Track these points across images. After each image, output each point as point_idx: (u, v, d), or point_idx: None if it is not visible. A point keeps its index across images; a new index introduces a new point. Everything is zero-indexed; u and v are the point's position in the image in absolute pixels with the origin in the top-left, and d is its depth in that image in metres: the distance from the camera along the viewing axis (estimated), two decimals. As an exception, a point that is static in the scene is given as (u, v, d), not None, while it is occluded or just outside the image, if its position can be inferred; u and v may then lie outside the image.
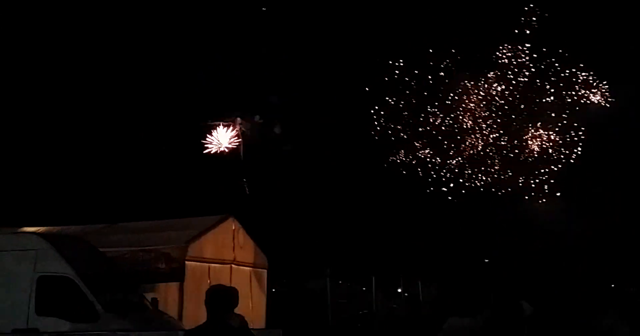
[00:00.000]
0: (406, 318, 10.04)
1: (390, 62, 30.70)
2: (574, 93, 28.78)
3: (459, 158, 31.73)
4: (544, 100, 29.44)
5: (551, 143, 28.88)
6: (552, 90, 29.12)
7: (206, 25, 32.64)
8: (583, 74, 28.47)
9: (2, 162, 29.92)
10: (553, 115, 29.01)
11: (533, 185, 28.97)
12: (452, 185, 30.66)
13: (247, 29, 32.60)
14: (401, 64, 30.70)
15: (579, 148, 28.17)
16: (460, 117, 30.74)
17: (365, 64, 32.31)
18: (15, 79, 30.95)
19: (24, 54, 30.82)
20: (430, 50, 30.22)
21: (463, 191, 30.33)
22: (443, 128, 31.07)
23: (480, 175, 30.56)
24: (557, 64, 28.66)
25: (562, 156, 28.58)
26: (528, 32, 28.84)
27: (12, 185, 30.09)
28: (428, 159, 31.75)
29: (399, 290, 17.45)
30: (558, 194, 28.16)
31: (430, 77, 30.97)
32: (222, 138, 29.35)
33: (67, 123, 31.89)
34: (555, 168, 28.52)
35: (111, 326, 10.73)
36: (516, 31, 29.09)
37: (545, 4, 28.70)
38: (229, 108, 31.84)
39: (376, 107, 31.50)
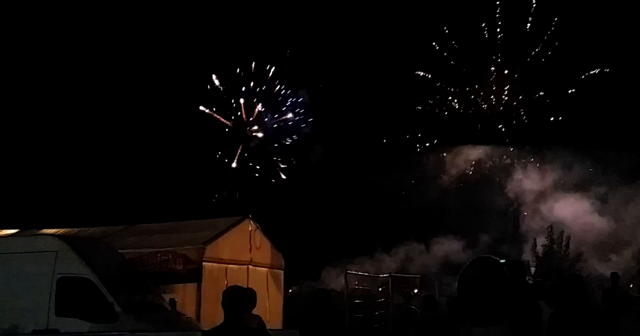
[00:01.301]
0: (422, 319, 10.03)
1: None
2: None
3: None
4: None
5: None
6: None
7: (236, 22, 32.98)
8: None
9: (23, 166, 30.25)
10: None
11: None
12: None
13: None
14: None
15: None
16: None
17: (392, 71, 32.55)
18: (33, 85, 31.28)
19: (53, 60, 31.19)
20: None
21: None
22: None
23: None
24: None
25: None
26: None
27: (31, 188, 30.42)
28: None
29: (415, 291, 17.42)
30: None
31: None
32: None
33: (88, 127, 32.19)
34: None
35: (130, 327, 10.79)
36: None
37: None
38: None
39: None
